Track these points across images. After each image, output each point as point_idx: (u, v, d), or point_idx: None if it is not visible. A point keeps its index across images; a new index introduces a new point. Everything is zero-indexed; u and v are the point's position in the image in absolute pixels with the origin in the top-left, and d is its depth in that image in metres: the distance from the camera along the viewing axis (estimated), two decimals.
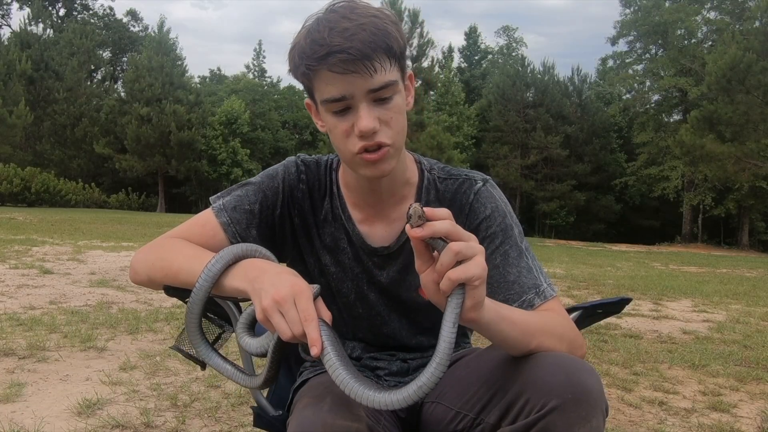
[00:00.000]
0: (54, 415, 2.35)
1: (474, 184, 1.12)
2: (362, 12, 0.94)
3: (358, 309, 1.18)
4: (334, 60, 0.91)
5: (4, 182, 24.72)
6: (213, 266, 0.92)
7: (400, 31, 0.99)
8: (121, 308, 4.66)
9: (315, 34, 0.93)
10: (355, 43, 0.91)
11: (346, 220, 1.15)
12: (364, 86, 0.94)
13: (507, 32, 52.33)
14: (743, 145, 21.72)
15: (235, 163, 35.52)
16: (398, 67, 0.98)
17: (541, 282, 1.05)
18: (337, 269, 1.16)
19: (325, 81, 0.95)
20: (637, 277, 9.67)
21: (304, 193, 1.15)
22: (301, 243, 1.17)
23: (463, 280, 0.76)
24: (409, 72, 1.05)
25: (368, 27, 0.92)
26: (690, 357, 3.87)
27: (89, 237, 11.48)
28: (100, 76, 38.41)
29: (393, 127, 0.98)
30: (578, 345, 1.00)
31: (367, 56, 0.92)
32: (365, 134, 0.96)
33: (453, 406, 1.04)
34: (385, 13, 0.98)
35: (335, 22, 0.93)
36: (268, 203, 1.12)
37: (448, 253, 0.76)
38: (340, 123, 0.98)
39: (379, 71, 0.94)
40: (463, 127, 34.05)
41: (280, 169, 1.16)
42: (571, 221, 34.57)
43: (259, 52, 58.73)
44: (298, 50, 0.96)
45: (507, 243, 1.07)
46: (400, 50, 0.97)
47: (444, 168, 1.16)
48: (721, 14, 33.23)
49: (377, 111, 0.97)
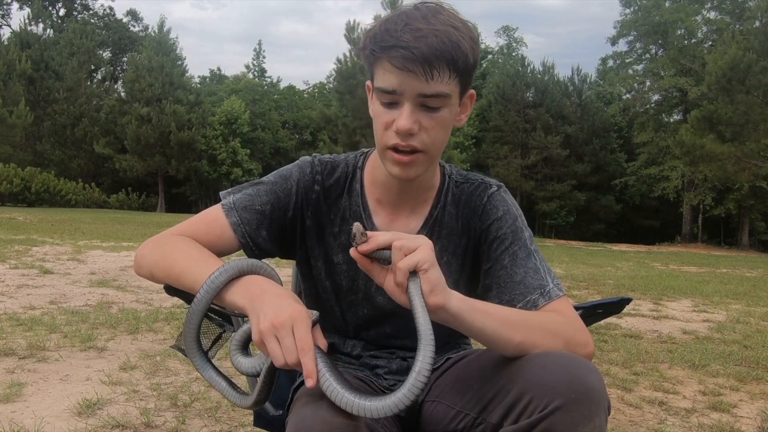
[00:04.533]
0: (54, 415, 2.35)
1: (488, 188, 1.16)
2: (444, 19, 0.96)
3: (363, 309, 1.18)
4: (397, 54, 0.93)
5: (4, 182, 24.71)
6: (216, 279, 0.91)
7: (475, 49, 0.98)
8: (121, 308, 4.66)
9: (390, 24, 0.96)
10: (422, 45, 0.92)
11: (366, 219, 1.15)
12: (417, 88, 0.95)
13: (507, 32, 52.36)
14: (743, 145, 21.72)
15: (235, 163, 35.51)
16: (458, 82, 0.98)
17: (547, 282, 1.05)
18: (349, 267, 1.16)
19: (384, 69, 0.97)
20: (637, 277, 9.66)
21: (318, 194, 1.15)
22: (309, 245, 1.17)
23: (411, 266, 0.81)
24: (472, 91, 1.06)
25: (441, 34, 0.93)
26: (690, 357, 3.87)
27: (89, 237, 11.48)
28: (100, 76, 38.40)
29: (431, 137, 1.00)
30: (580, 343, 0.99)
31: (427, 61, 0.92)
32: (401, 132, 0.98)
33: (454, 405, 1.04)
34: (467, 27, 0.98)
35: (413, 19, 0.95)
36: (280, 205, 1.12)
37: (394, 251, 0.82)
38: (384, 114, 1.00)
39: (436, 79, 0.94)
40: (463, 127, 34.04)
41: (294, 170, 1.15)
42: (571, 221, 34.55)
43: (259, 52, 58.63)
44: (372, 33, 0.98)
45: (516, 244, 1.09)
46: (466, 66, 0.97)
47: (462, 173, 1.19)
48: (721, 14, 33.23)
49: (421, 116, 0.98)
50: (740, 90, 21.08)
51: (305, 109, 41.49)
